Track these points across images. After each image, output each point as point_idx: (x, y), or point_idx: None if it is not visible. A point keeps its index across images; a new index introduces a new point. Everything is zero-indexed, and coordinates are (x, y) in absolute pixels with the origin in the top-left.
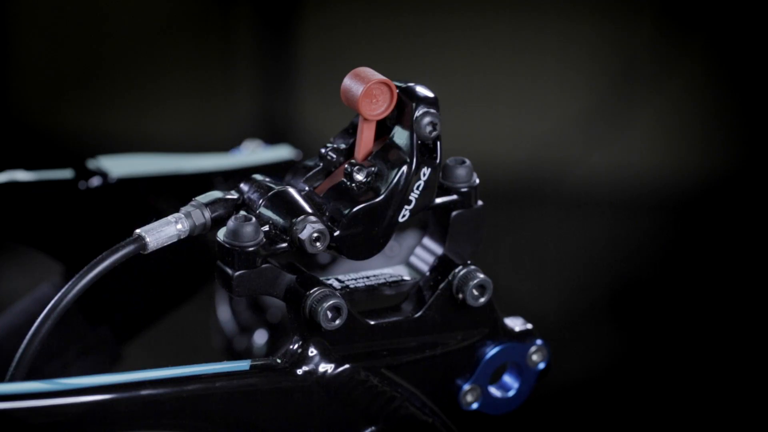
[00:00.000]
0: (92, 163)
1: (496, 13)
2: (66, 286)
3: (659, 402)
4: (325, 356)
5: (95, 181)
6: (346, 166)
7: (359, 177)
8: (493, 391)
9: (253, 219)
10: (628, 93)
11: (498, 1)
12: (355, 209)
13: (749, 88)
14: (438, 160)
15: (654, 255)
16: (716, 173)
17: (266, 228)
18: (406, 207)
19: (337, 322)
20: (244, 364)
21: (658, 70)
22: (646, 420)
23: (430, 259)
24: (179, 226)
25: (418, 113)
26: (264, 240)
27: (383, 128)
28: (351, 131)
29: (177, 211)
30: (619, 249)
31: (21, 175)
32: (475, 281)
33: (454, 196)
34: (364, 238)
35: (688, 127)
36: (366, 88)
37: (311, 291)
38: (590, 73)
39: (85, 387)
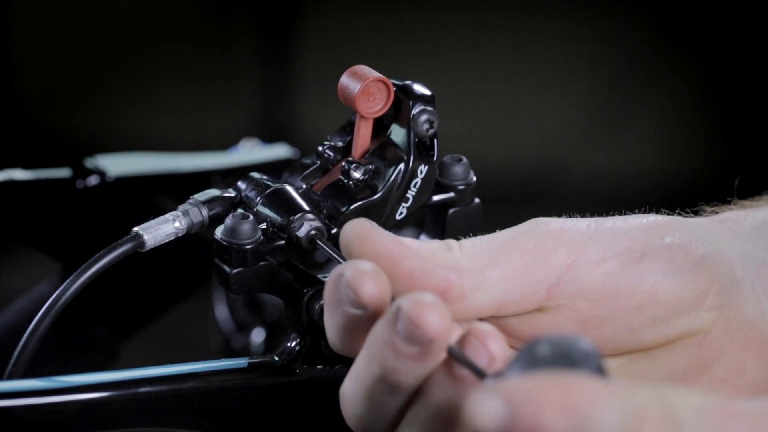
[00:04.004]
0: (90, 162)
1: (495, 13)
2: (64, 285)
3: None
4: (323, 354)
5: (93, 180)
6: (343, 163)
7: (356, 175)
8: None
9: (251, 217)
10: (627, 93)
11: (498, 1)
12: (352, 207)
13: (749, 88)
14: (435, 158)
15: None
16: (716, 173)
17: (264, 226)
18: (403, 204)
19: None
20: (241, 362)
21: (658, 70)
22: None
23: None
24: (177, 224)
25: (415, 111)
26: (261, 238)
27: (380, 126)
28: (348, 129)
29: (175, 209)
30: None
31: (19, 174)
32: None
33: (451, 194)
34: None
35: (688, 127)
36: (363, 86)
37: (309, 288)
38: (590, 73)
39: (83, 385)
